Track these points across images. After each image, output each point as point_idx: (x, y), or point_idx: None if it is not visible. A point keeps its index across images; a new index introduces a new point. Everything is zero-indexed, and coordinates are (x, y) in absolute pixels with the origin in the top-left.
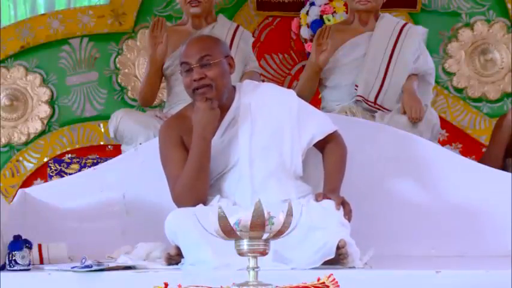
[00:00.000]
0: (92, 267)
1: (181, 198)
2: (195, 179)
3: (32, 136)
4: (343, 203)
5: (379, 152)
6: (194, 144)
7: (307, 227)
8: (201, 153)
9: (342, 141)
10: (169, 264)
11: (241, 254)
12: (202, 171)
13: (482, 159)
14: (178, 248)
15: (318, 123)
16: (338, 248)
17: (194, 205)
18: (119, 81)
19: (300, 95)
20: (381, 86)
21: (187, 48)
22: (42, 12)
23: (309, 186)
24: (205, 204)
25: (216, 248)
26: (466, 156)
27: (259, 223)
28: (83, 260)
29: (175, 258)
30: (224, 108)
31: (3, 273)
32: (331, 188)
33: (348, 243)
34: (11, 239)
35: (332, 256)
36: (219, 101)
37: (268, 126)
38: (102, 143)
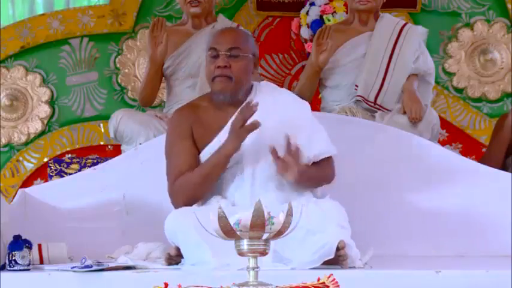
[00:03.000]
0: (92, 267)
1: (178, 197)
2: (200, 186)
3: (32, 136)
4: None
5: (379, 152)
6: (215, 158)
7: (305, 230)
8: (217, 167)
9: (332, 168)
10: (170, 264)
11: (241, 254)
12: (210, 182)
13: (483, 159)
14: (178, 249)
15: (325, 143)
16: (338, 249)
17: (186, 205)
18: (119, 81)
19: (300, 95)
20: (381, 86)
21: (219, 35)
22: (41, 11)
23: (309, 193)
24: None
25: (216, 249)
26: (466, 156)
27: (259, 223)
28: (83, 260)
29: (175, 258)
30: (237, 104)
31: (3, 273)
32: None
33: (348, 245)
34: (11, 239)
35: (331, 256)
36: (235, 96)
37: (277, 128)
38: (102, 143)
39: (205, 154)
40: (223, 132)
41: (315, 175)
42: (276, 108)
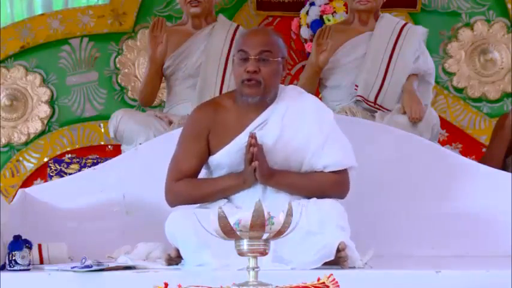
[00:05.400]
0: (92, 267)
1: (175, 198)
2: (205, 199)
3: (32, 136)
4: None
5: (379, 152)
6: (227, 184)
7: (305, 231)
8: (226, 192)
9: (342, 181)
10: (169, 265)
11: (241, 254)
12: (215, 199)
13: (483, 159)
14: (178, 250)
15: (341, 155)
16: (338, 250)
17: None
18: (119, 81)
19: None
20: (381, 86)
21: (249, 37)
22: (39, 10)
23: None
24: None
25: (215, 250)
26: (466, 156)
27: (259, 223)
28: (83, 260)
29: (175, 259)
30: (261, 107)
31: (3, 273)
32: (279, 171)
33: (348, 246)
34: (11, 239)
35: (332, 258)
36: (263, 100)
37: (295, 138)
38: (102, 143)
39: (220, 155)
40: (242, 136)
41: (302, 184)
42: (297, 115)
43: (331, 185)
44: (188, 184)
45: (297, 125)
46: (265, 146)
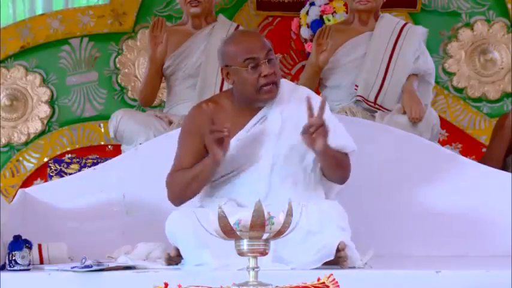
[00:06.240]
0: (92, 267)
1: (168, 190)
2: (188, 185)
3: (32, 136)
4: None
5: (379, 152)
6: (202, 164)
7: (305, 231)
8: (203, 174)
9: (349, 165)
10: (169, 264)
11: (241, 254)
12: (197, 184)
13: (483, 159)
14: (178, 250)
15: (345, 138)
16: (338, 250)
17: (176, 200)
18: (119, 81)
19: None
20: (381, 86)
21: (251, 42)
22: (40, 11)
23: (321, 189)
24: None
25: (215, 250)
26: (466, 156)
27: (259, 223)
28: (83, 260)
29: (175, 259)
30: (257, 108)
31: (3, 273)
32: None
33: (348, 246)
34: (11, 239)
35: (331, 258)
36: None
37: (295, 132)
38: (102, 143)
39: None
40: (242, 133)
41: (338, 156)
42: (294, 111)
43: (348, 165)
44: (179, 173)
45: (297, 117)
46: (269, 137)
